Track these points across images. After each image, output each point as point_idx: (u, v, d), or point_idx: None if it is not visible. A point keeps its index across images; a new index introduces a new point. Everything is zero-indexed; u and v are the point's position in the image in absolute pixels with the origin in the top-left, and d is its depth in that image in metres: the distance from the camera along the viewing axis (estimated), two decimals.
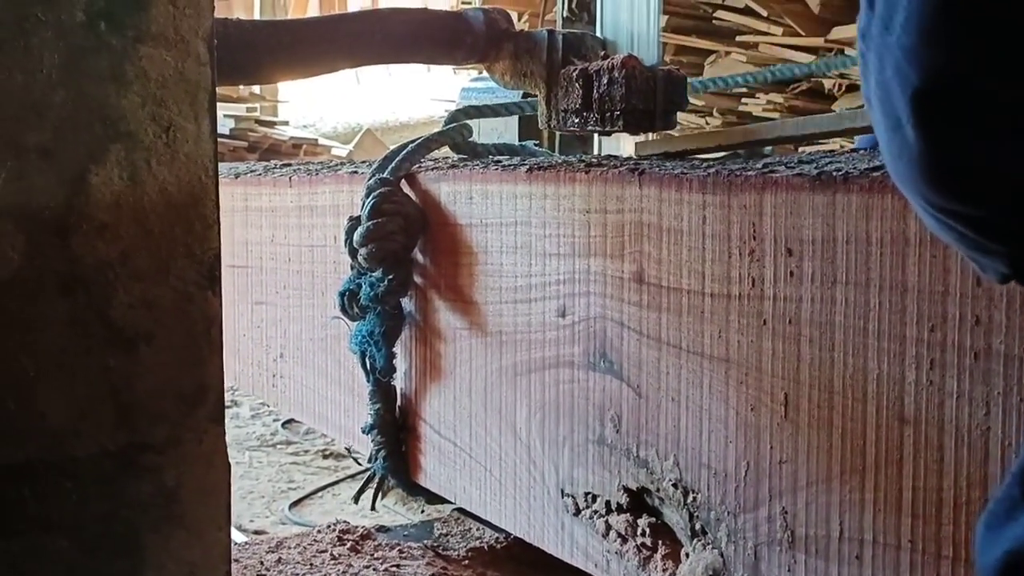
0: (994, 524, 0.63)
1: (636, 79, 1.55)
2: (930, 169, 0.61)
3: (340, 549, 1.65)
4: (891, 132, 0.62)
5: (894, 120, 0.61)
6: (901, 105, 0.60)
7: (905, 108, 0.60)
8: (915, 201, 0.65)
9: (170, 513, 1.17)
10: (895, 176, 0.65)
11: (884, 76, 0.61)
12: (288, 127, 9.88)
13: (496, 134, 2.43)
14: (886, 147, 0.63)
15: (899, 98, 0.60)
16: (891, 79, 0.60)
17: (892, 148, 0.62)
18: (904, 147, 0.61)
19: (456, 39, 1.79)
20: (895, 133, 0.61)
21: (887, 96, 0.61)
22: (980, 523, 0.64)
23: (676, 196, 1.24)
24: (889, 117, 0.61)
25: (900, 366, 1.00)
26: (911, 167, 0.61)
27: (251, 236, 2.24)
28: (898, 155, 0.62)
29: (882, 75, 0.61)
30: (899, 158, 0.62)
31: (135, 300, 1.13)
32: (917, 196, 0.64)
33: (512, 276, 1.51)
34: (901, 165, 0.62)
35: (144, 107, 1.12)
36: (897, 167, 0.63)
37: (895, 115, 0.61)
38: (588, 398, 1.39)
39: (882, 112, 0.62)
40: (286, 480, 3.82)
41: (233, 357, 2.37)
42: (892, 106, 0.61)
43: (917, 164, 0.61)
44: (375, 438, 1.76)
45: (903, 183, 0.64)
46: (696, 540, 1.24)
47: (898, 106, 0.60)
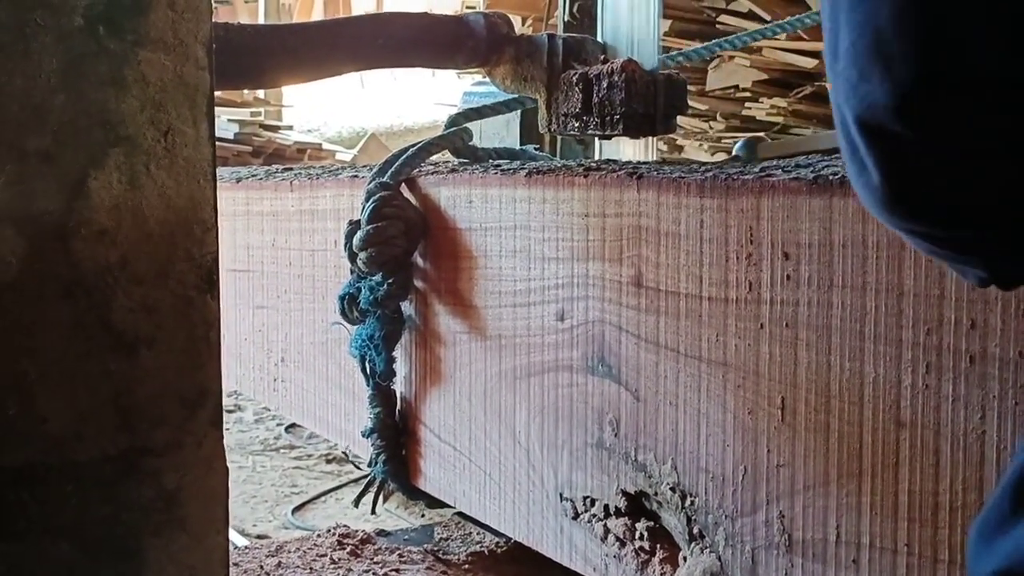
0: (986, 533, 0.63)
1: (636, 83, 1.55)
2: (887, 196, 0.61)
3: (340, 553, 1.65)
4: (849, 156, 0.63)
5: (850, 143, 0.62)
6: (855, 133, 0.60)
7: (858, 136, 0.60)
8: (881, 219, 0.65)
9: (171, 517, 1.17)
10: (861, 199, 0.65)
11: (837, 101, 0.62)
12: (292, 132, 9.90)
13: (498, 138, 2.44)
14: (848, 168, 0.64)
15: (852, 125, 0.60)
16: (842, 104, 0.61)
17: (851, 171, 0.63)
18: (862, 173, 0.62)
19: (457, 43, 1.80)
20: (853, 157, 0.62)
21: (843, 121, 0.62)
22: (973, 529, 0.64)
23: (674, 200, 1.24)
24: (846, 141, 0.62)
25: (896, 370, 1.01)
26: (869, 193, 0.62)
27: (253, 240, 2.25)
28: (856, 177, 0.63)
29: (836, 100, 0.62)
30: (857, 182, 0.63)
31: (135, 304, 1.14)
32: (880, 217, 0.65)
33: (511, 280, 1.51)
34: (860, 189, 0.63)
35: (143, 111, 1.12)
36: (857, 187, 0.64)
37: (852, 141, 0.61)
38: (587, 402, 1.39)
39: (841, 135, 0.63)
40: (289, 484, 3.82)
41: (235, 361, 2.37)
42: (848, 131, 0.61)
43: (874, 191, 0.61)
44: (375, 442, 1.76)
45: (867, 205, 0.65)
46: (694, 544, 1.24)
47: (853, 133, 0.61)
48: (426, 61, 1.86)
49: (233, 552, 1.70)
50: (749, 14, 5.62)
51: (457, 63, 1.83)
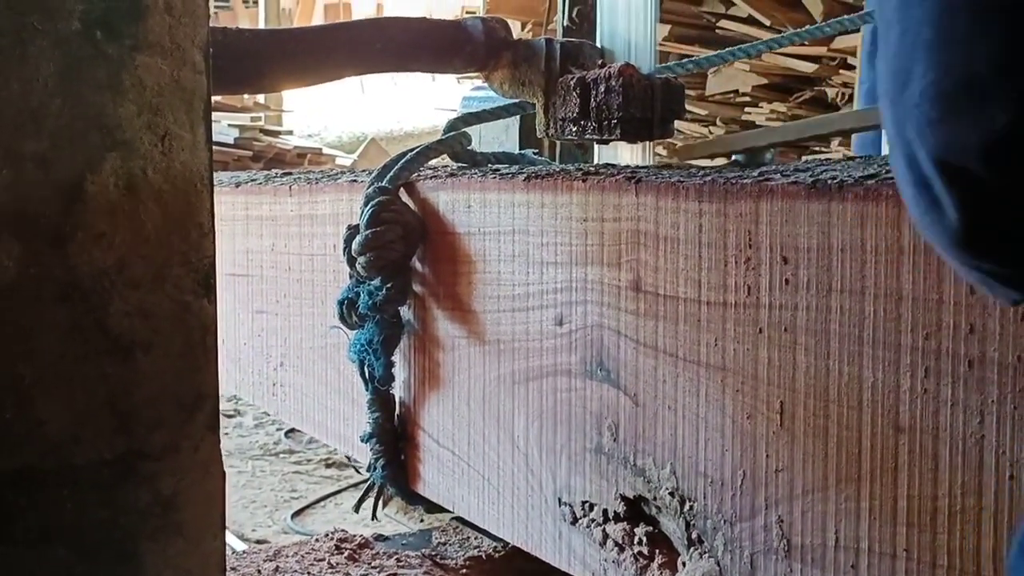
0: None
1: (633, 87, 1.55)
2: (961, 234, 0.60)
3: (338, 558, 1.65)
4: (918, 191, 0.61)
5: (921, 181, 0.60)
6: (928, 169, 0.59)
7: (933, 173, 0.59)
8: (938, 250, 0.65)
9: (168, 521, 1.17)
10: (921, 227, 0.64)
11: (904, 134, 0.60)
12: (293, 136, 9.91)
13: (497, 143, 2.44)
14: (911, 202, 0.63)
15: (926, 162, 0.59)
16: (913, 141, 0.60)
17: (918, 206, 0.62)
18: (932, 207, 0.61)
19: (455, 48, 1.80)
20: (922, 192, 0.61)
21: (911, 155, 0.60)
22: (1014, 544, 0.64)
23: (672, 204, 1.24)
24: (915, 177, 0.61)
25: (895, 374, 1.00)
26: (940, 229, 0.61)
27: (252, 245, 2.25)
28: (925, 212, 0.62)
29: (902, 132, 0.61)
30: (925, 215, 0.62)
31: (132, 308, 1.14)
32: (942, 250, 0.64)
33: (510, 284, 1.51)
34: (927, 223, 0.62)
35: (140, 115, 1.12)
36: (923, 223, 0.63)
37: (922, 176, 0.60)
38: (585, 407, 1.39)
39: (907, 167, 0.62)
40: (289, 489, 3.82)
41: (234, 366, 2.37)
42: (918, 167, 0.60)
43: (947, 228, 0.61)
44: (374, 447, 1.76)
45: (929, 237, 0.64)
46: (693, 549, 1.24)
47: (925, 169, 0.60)
48: (424, 66, 1.86)
49: (231, 557, 1.69)
50: (748, 19, 5.63)
51: (455, 67, 1.83)
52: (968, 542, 0.95)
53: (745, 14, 5.66)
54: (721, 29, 5.78)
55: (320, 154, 9.49)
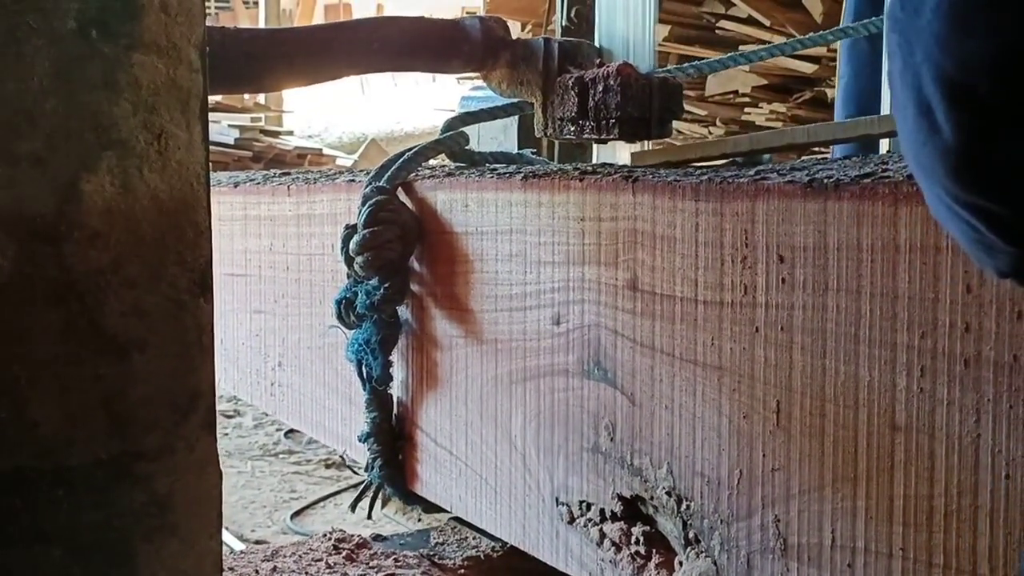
0: None
1: (631, 87, 1.55)
2: (959, 160, 0.59)
3: (335, 558, 1.65)
4: (918, 118, 0.60)
5: (923, 106, 0.59)
6: (932, 91, 0.58)
7: (936, 95, 0.58)
8: (931, 189, 0.63)
9: (163, 522, 1.17)
10: (914, 162, 0.63)
11: (913, 60, 0.59)
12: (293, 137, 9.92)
13: (496, 143, 2.44)
14: (910, 132, 0.62)
15: (930, 85, 0.58)
16: (921, 64, 0.59)
17: (917, 134, 0.61)
18: (932, 134, 0.59)
19: (453, 47, 1.79)
20: (923, 119, 0.60)
21: (916, 81, 0.59)
22: None
23: (669, 204, 1.23)
24: (917, 103, 0.60)
25: (891, 373, 1.00)
26: (937, 155, 0.60)
27: (250, 245, 2.25)
28: (924, 141, 0.60)
29: (911, 58, 0.59)
30: (924, 144, 0.61)
31: (127, 308, 1.13)
32: (936, 184, 0.62)
33: (507, 284, 1.51)
34: (925, 152, 0.61)
35: (136, 114, 1.12)
36: (920, 153, 0.62)
37: (924, 101, 0.59)
38: (583, 406, 1.39)
39: (909, 97, 0.61)
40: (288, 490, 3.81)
41: (232, 366, 2.37)
42: (921, 92, 0.59)
43: (945, 153, 0.59)
44: (371, 447, 1.76)
45: (922, 169, 0.63)
46: (690, 548, 1.23)
47: (928, 92, 0.59)
48: (422, 65, 1.86)
49: (228, 557, 1.69)
50: (749, 19, 5.62)
51: (453, 67, 1.82)
52: (964, 541, 0.94)
53: (745, 15, 5.66)
54: (721, 29, 5.78)
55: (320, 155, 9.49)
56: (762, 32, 5.56)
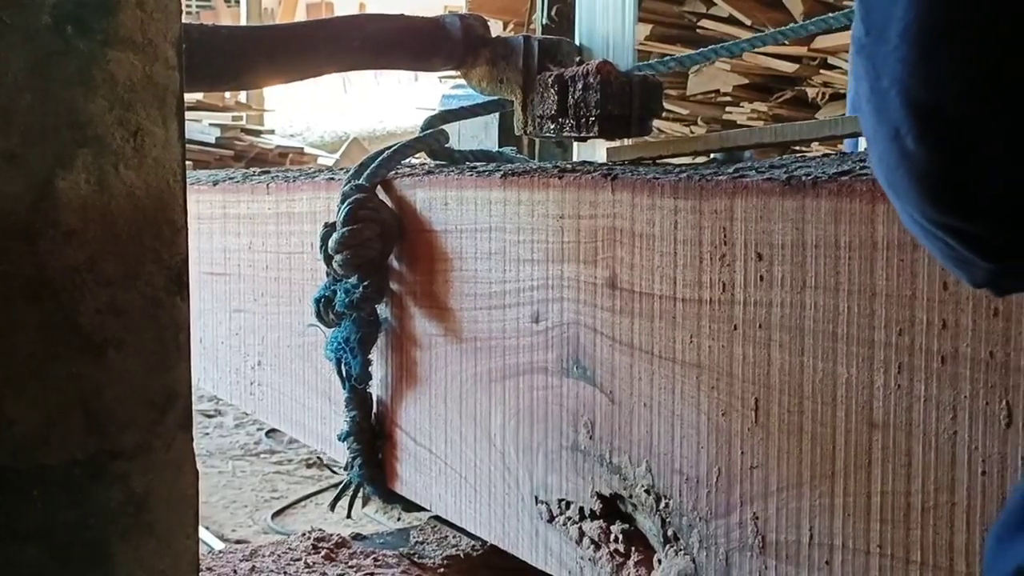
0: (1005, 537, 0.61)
1: (611, 85, 1.55)
2: (933, 183, 0.59)
3: (314, 557, 1.64)
4: (888, 142, 0.60)
5: (891, 130, 0.59)
6: (900, 117, 0.58)
7: (906, 120, 0.58)
8: (905, 210, 0.63)
9: (139, 521, 1.16)
10: (887, 185, 0.63)
11: (880, 85, 0.59)
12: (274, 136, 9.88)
13: (476, 141, 2.43)
14: (882, 157, 0.62)
15: (899, 110, 0.58)
16: (889, 89, 0.58)
17: (889, 158, 0.61)
18: (904, 159, 0.59)
19: (433, 45, 1.79)
20: (892, 143, 0.60)
21: (884, 105, 0.59)
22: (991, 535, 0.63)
23: (648, 201, 1.23)
24: (886, 127, 0.60)
25: (869, 370, 1.00)
26: (910, 179, 0.60)
27: (229, 243, 2.24)
28: (896, 166, 0.60)
29: (878, 83, 0.59)
30: (896, 168, 0.60)
31: (103, 306, 1.13)
32: (911, 206, 0.62)
33: (487, 282, 1.51)
34: (898, 175, 0.61)
35: (112, 111, 1.11)
36: (893, 177, 0.61)
37: (893, 126, 0.59)
38: (562, 404, 1.39)
39: (878, 121, 0.61)
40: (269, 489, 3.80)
41: (212, 365, 2.36)
42: (890, 116, 0.59)
43: (919, 177, 0.59)
44: (351, 446, 1.75)
45: (896, 192, 0.62)
46: (669, 546, 1.23)
47: (896, 117, 0.59)
48: (402, 63, 1.86)
49: (207, 556, 1.68)
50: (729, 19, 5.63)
51: (433, 65, 1.82)
52: (941, 538, 0.95)
53: (726, 14, 5.67)
54: (702, 29, 5.78)
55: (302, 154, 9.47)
56: (743, 31, 5.57)
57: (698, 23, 5.83)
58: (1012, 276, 0.63)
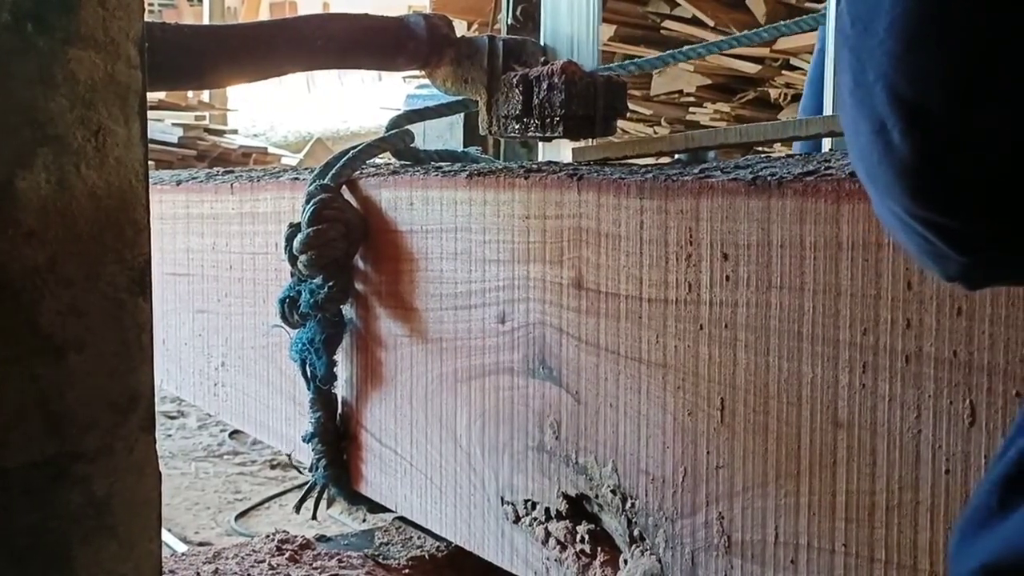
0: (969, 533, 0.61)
1: (576, 85, 1.55)
2: (916, 178, 0.59)
3: (278, 559, 1.63)
4: (872, 136, 0.60)
5: (877, 124, 0.59)
6: (886, 111, 0.58)
7: (891, 114, 0.58)
8: (884, 203, 0.63)
9: (101, 524, 1.15)
10: (868, 179, 0.63)
11: (865, 78, 0.59)
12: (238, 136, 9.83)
13: (441, 141, 2.43)
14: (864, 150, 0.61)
15: (884, 104, 0.58)
16: (874, 83, 0.58)
17: (871, 152, 0.60)
18: (888, 153, 0.59)
19: (398, 45, 1.78)
20: (876, 137, 0.59)
21: (869, 99, 0.59)
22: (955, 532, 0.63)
23: (614, 201, 1.23)
24: (870, 120, 0.59)
25: (834, 370, 1.01)
26: (893, 173, 0.59)
27: (192, 244, 2.22)
28: (879, 160, 0.60)
29: (863, 76, 0.59)
30: (879, 163, 0.60)
31: (64, 307, 1.11)
32: (892, 200, 0.62)
33: (452, 282, 1.50)
34: (880, 169, 0.60)
35: (73, 110, 1.10)
36: (874, 171, 0.61)
37: (878, 120, 0.59)
38: (528, 405, 1.38)
39: (862, 115, 0.60)
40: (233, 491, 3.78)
41: (175, 366, 2.34)
42: (874, 110, 0.59)
43: (902, 171, 0.59)
44: (315, 447, 1.74)
45: (876, 185, 0.62)
46: (634, 546, 1.23)
47: (882, 111, 0.58)
48: (367, 63, 1.85)
49: (169, 559, 1.67)
50: (693, 20, 5.65)
51: (398, 65, 1.81)
52: (905, 536, 0.95)
53: (689, 15, 5.69)
54: (666, 30, 5.80)
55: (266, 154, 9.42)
56: (706, 32, 5.59)
57: (662, 24, 5.85)
58: (985, 270, 0.64)
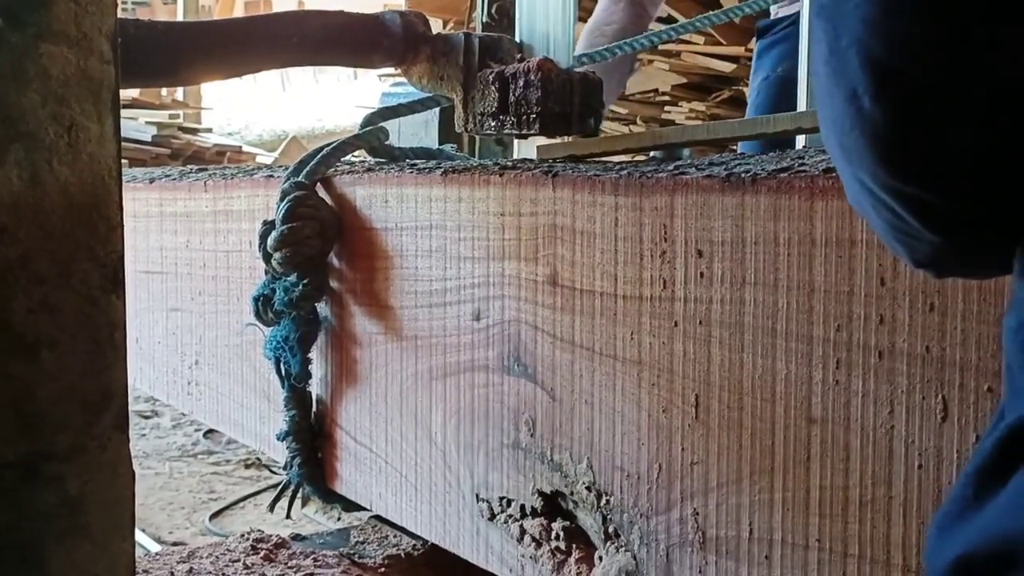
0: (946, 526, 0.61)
1: (552, 82, 1.55)
2: (889, 146, 0.58)
3: (253, 558, 1.62)
4: (844, 104, 0.59)
5: (849, 91, 0.58)
6: (859, 77, 0.57)
7: (864, 80, 0.57)
8: (855, 176, 0.62)
9: (74, 523, 1.14)
10: (839, 149, 0.62)
11: (839, 45, 0.58)
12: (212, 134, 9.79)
13: (416, 138, 2.42)
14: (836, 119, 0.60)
15: (856, 69, 0.57)
16: (848, 48, 0.57)
17: (843, 121, 0.60)
18: (859, 120, 0.58)
19: (373, 42, 1.78)
20: (849, 104, 0.59)
21: (842, 67, 0.58)
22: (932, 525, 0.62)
23: (589, 198, 1.24)
24: (843, 88, 0.59)
25: (808, 366, 1.01)
26: (865, 141, 0.59)
27: (166, 242, 2.21)
28: (850, 128, 0.59)
29: (836, 43, 0.58)
30: (850, 131, 0.59)
31: (36, 305, 1.10)
32: (861, 171, 0.61)
33: (427, 280, 1.50)
34: (852, 137, 0.60)
35: (45, 106, 1.09)
36: (845, 139, 0.60)
37: (851, 86, 0.58)
38: (503, 402, 1.38)
39: (835, 83, 0.59)
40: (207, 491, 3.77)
41: (148, 365, 2.33)
42: (847, 76, 0.58)
43: (874, 139, 0.58)
44: (290, 445, 1.74)
45: (847, 156, 0.61)
46: (610, 543, 1.24)
47: (855, 78, 0.57)
48: (342, 60, 1.84)
49: (143, 559, 1.66)
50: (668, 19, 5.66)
51: (373, 62, 1.81)
52: (878, 531, 0.96)
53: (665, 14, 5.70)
54: None
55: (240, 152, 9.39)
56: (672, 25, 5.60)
57: None
58: (955, 255, 0.63)
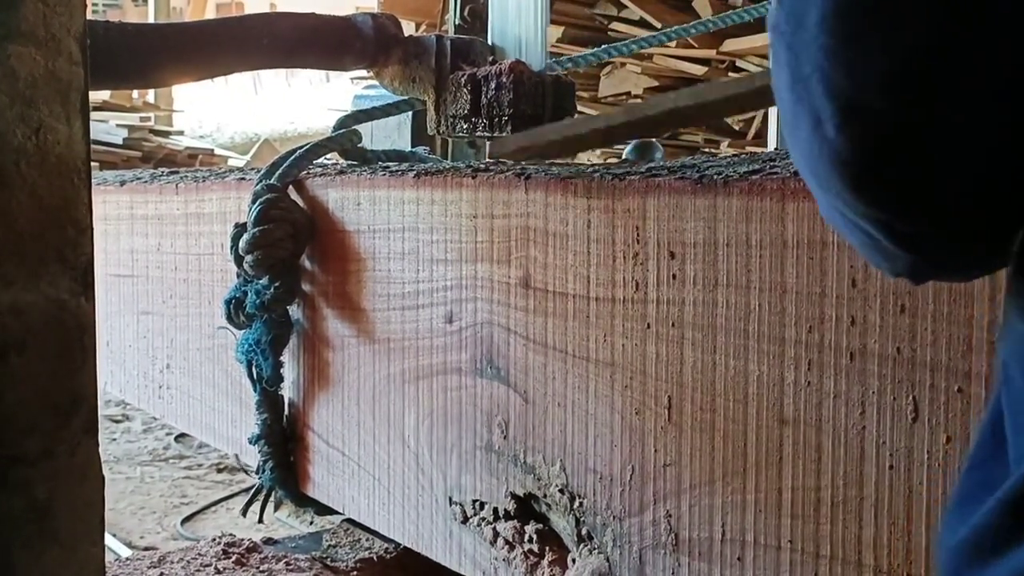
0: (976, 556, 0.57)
1: (524, 84, 1.55)
2: (855, 174, 0.58)
3: (225, 563, 1.61)
4: (810, 130, 0.59)
5: (814, 119, 0.58)
6: (823, 104, 0.57)
7: (827, 108, 0.57)
8: (826, 199, 0.62)
9: (43, 528, 1.13)
10: (809, 173, 0.62)
11: (802, 72, 0.58)
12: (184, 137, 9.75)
13: (389, 141, 2.41)
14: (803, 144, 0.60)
15: (821, 97, 0.57)
16: (810, 76, 0.57)
17: (811, 146, 0.59)
18: (824, 147, 0.58)
19: (345, 44, 1.77)
20: (814, 131, 0.58)
21: (806, 93, 0.58)
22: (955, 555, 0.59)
23: (561, 200, 1.23)
24: (808, 115, 0.59)
25: (780, 367, 1.01)
26: (832, 169, 0.59)
27: (137, 244, 2.19)
28: (817, 155, 0.59)
29: (799, 71, 0.58)
30: (818, 157, 0.59)
31: (4, 308, 1.09)
32: (832, 196, 0.61)
33: (400, 282, 1.50)
34: (821, 164, 0.59)
35: (12, 107, 1.08)
36: (816, 166, 0.60)
37: (815, 114, 0.58)
38: (476, 404, 1.38)
39: (802, 110, 0.59)
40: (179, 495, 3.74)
41: (119, 368, 2.31)
42: (812, 105, 0.58)
43: (841, 167, 0.58)
44: (262, 449, 1.73)
45: (818, 181, 0.61)
46: (583, 545, 1.23)
47: (819, 105, 0.57)
48: (313, 62, 1.84)
49: (114, 564, 1.64)
50: (640, 22, 5.68)
51: (345, 64, 1.80)
52: (850, 531, 0.96)
53: (637, 17, 5.72)
54: (613, 32, 5.83)
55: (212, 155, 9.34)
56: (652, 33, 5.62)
57: (609, 26, 5.87)
58: (930, 267, 0.64)
